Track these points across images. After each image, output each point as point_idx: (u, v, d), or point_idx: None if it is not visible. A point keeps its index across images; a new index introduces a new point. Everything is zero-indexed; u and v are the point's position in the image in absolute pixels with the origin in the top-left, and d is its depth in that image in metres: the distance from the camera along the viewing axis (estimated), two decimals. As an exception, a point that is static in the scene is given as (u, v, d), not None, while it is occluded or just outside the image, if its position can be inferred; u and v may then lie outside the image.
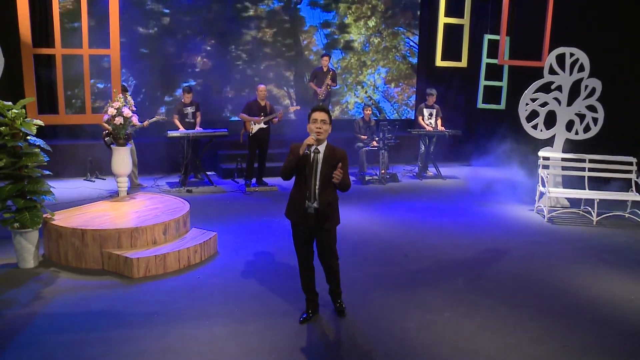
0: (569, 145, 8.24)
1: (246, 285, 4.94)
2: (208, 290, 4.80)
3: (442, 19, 9.92)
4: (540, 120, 8.04)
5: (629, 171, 7.69)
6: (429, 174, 10.39)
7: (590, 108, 7.97)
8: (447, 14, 9.96)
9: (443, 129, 10.23)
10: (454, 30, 10.68)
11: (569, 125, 8.06)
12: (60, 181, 8.47)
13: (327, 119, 4.00)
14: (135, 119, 6.54)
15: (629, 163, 7.70)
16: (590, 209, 7.54)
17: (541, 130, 8.06)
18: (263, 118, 8.65)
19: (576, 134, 8.07)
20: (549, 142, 8.23)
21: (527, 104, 8.01)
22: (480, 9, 11.43)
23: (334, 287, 4.34)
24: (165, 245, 5.43)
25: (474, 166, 11.23)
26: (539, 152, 8.00)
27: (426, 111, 10.36)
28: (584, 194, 7.65)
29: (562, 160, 7.99)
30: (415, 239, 6.45)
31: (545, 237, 6.71)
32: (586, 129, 8.03)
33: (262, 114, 8.66)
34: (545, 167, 7.85)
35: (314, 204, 3.96)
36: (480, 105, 10.84)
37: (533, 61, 8.71)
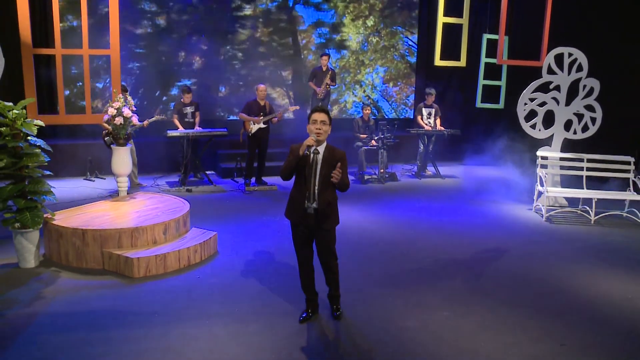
0: (567, 145, 8.27)
1: (246, 285, 4.95)
2: (208, 290, 4.81)
3: (441, 19, 9.95)
4: (538, 119, 8.06)
5: (627, 170, 7.72)
6: (427, 173, 10.42)
7: (589, 108, 8.00)
8: (446, 14, 9.99)
9: (442, 128, 10.26)
10: (452, 30, 10.72)
11: (567, 124, 8.09)
12: (60, 181, 8.48)
13: (327, 119, 4.02)
14: (135, 119, 6.56)
15: (626, 162, 7.73)
16: (588, 208, 7.57)
17: (539, 130, 8.08)
18: (262, 118, 8.65)
19: (574, 133, 8.09)
20: (547, 142, 8.26)
21: (526, 104, 8.03)
22: (479, 8, 11.46)
23: (333, 290, 4.34)
24: (166, 245, 5.45)
25: (474, 166, 11.24)
26: (538, 152, 8.03)
27: (425, 111, 10.37)
28: (582, 193, 7.68)
29: (561, 159, 8.02)
30: (414, 239, 6.47)
31: (544, 237, 6.74)
32: (584, 129, 8.06)
33: (262, 113, 8.67)
34: (544, 167, 7.88)
35: (313, 204, 3.97)
36: (479, 104, 10.86)
37: (531, 61, 8.74)
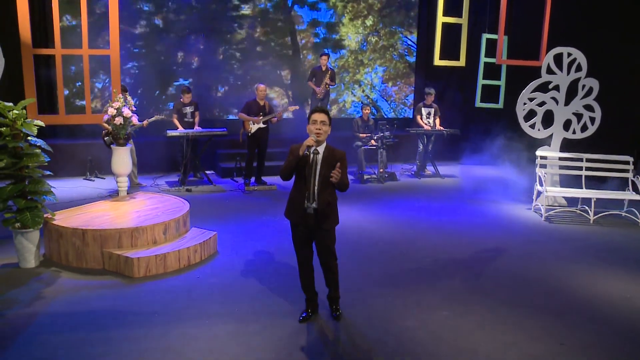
0: (566, 145, 8.28)
1: (246, 285, 4.96)
2: (208, 290, 4.82)
3: (441, 18, 9.96)
4: (537, 119, 8.07)
5: (626, 170, 7.74)
6: (427, 172, 10.43)
7: (588, 107, 8.00)
8: (446, 13, 10.00)
9: (441, 128, 10.27)
10: (452, 30, 10.72)
11: (567, 124, 8.10)
12: (59, 180, 8.48)
13: (327, 120, 4.02)
14: (135, 119, 6.56)
15: (625, 162, 7.74)
16: (587, 207, 7.58)
17: (539, 130, 8.09)
18: (262, 118, 8.65)
19: (573, 133, 8.10)
20: (547, 141, 8.27)
21: (525, 104, 8.04)
22: (479, 8, 11.45)
23: (333, 291, 4.35)
24: (166, 245, 5.45)
25: (473, 165, 11.26)
26: (537, 152, 8.04)
27: (424, 110, 10.38)
28: (581, 193, 7.70)
29: (560, 159, 8.02)
30: (414, 238, 6.48)
31: (543, 236, 6.75)
32: (583, 128, 8.06)
33: (261, 113, 8.67)
34: (543, 166, 7.89)
35: (313, 204, 3.98)
36: (478, 104, 10.88)
37: (531, 61, 8.75)
